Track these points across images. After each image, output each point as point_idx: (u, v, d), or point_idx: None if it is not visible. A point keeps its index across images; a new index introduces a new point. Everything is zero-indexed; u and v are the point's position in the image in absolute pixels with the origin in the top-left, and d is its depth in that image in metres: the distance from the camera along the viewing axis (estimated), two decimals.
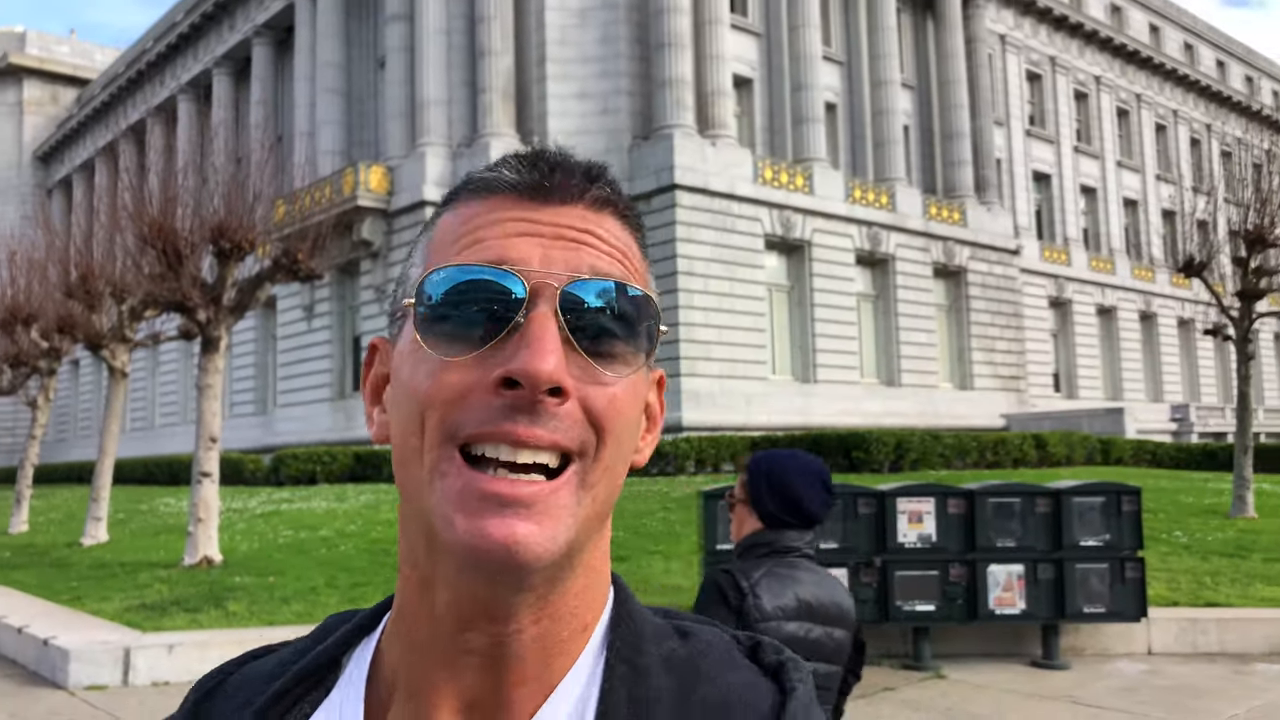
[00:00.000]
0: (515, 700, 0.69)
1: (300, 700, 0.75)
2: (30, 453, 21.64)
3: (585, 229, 0.71)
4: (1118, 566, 8.89)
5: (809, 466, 2.92)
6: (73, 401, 54.46)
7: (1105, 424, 31.16)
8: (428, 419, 0.66)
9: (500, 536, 0.63)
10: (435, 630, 0.69)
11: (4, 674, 9.61)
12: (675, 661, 0.72)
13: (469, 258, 0.69)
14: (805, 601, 2.73)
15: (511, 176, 0.72)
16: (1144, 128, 50.73)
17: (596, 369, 0.67)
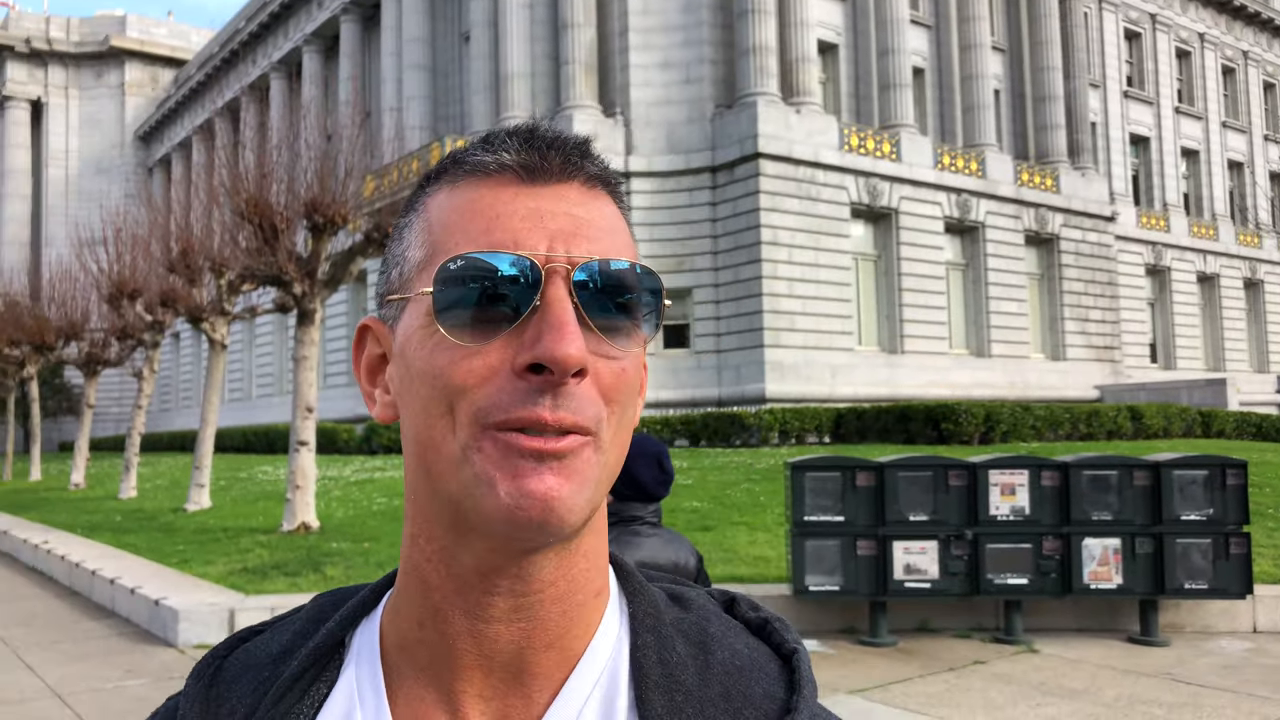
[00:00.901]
0: (543, 665, 0.72)
1: (316, 679, 0.76)
2: (137, 422, 22.52)
3: (585, 207, 0.73)
4: (1221, 541, 8.63)
5: (647, 450, 3.48)
6: (175, 373, 56.49)
7: (1206, 395, 30.11)
8: (457, 405, 0.69)
9: (539, 492, 0.66)
10: (457, 598, 0.72)
11: (120, 631, 10.09)
12: (686, 628, 0.76)
13: (480, 243, 0.71)
14: (643, 562, 3.28)
15: (509, 158, 0.74)
16: (1251, 86, 48.54)
17: (608, 345, 0.70)
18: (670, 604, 0.78)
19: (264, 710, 0.75)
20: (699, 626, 0.76)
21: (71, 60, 61.13)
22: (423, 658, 0.74)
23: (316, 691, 0.76)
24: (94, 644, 9.54)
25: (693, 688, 0.71)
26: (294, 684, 0.76)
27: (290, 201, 14.46)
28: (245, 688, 0.77)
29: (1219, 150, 46.65)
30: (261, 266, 14.52)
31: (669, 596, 0.80)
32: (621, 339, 0.71)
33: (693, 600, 0.80)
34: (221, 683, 0.79)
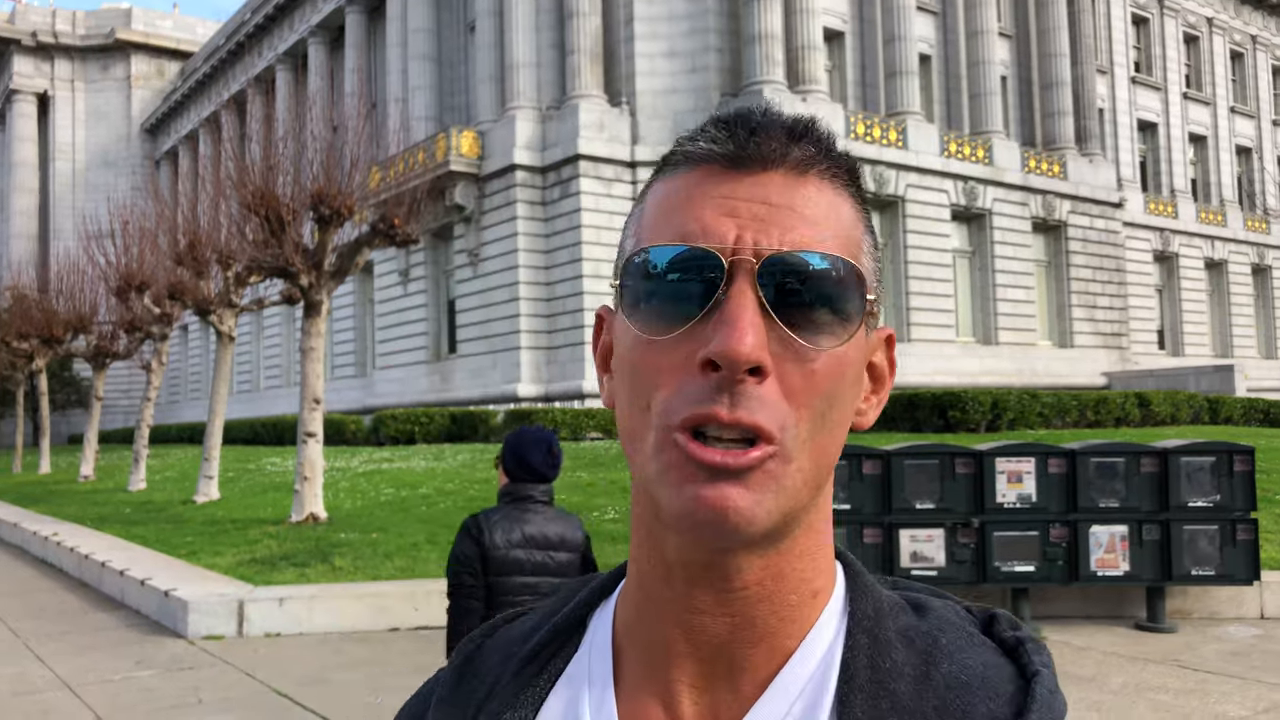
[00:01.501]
0: (751, 661, 0.72)
1: (554, 655, 0.79)
2: (145, 414, 22.61)
3: (786, 196, 0.70)
4: (1228, 528, 8.62)
5: (538, 438, 4.11)
6: (183, 365, 56.65)
7: (1213, 382, 30.02)
8: (652, 402, 0.69)
9: (713, 501, 0.65)
10: (667, 589, 0.72)
11: (129, 623, 10.15)
12: (914, 636, 0.73)
13: (666, 236, 0.70)
14: (530, 535, 3.96)
15: (708, 147, 0.72)
16: (1259, 71, 48.25)
17: (799, 343, 0.67)
18: (904, 610, 0.76)
19: (504, 681, 0.79)
20: (930, 636, 0.73)
21: (78, 53, 61.20)
22: (641, 643, 0.75)
23: (553, 667, 0.78)
24: (104, 635, 9.60)
25: (903, 697, 0.68)
26: (533, 658, 0.79)
27: (296, 193, 14.48)
28: (495, 660, 0.82)
29: (1227, 136, 46.41)
30: (268, 258, 14.55)
31: (908, 603, 0.77)
32: (818, 337, 0.68)
33: (933, 609, 0.76)
34: (478, 658, 0.84)
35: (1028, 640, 0.74)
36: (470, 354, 30.71)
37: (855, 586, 0.76)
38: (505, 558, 3.90)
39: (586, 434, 23.92)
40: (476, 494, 14.87)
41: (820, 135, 0.73)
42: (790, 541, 0.71)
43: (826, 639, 0.72)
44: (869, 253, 0.74)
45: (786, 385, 0.67)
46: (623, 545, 11.25)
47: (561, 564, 4.00)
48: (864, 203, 0.76)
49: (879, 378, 0.77)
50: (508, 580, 3.93)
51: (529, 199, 28.91)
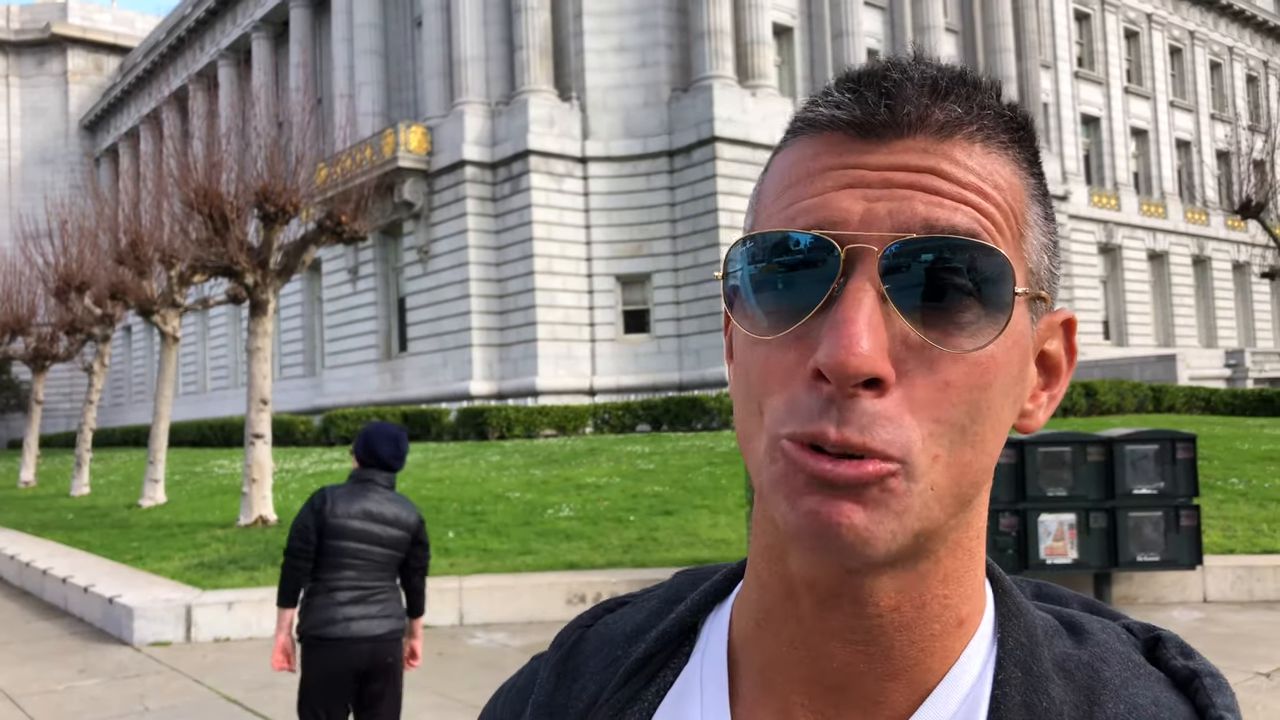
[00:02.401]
0: (887, 695, 0.63)
1: (664, 665, 0.72)
2: (88, 417, 22.13)
3: (924, 167, 0.60)
4: (1172, 514, 8.79)
5: (390, 433, 4.73)
6: (126, 367, 55.59)
7: (1157, 371, 30.64)
8: (763, 405, 0.61)
9: (826, 516, 0.57)
10: (792, 607, 0.64)
11: (72, 631, 9.92)
12: (1073, 667, 0.63)
13: (779, 221, 0.61)
14: (368, 510, 4.58)
15: (831, 113, 0.62)
16: (1198, 66, 49.29)
17: (932, 346, 0.57)
18: (1059, 634, 0.66)
19: (610, 691, 0.71)
20: (1091, 667, 0.63)
21: (12, 48, 59.69)
22: (760, 659, 0.67)
23: (662, 679, 0.71)
24: (46, 644, 9.37)
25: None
26: (641, 668, 0.71)
27: (241, 191, 14.23)
28: (598, 664, 0.74)
29: (1167, 129, 47.36)
30: (212, 257, 14.29)
31: (1064, 625, 0.68)
32: (959, 337, 0.58)
33: (1092, 633, 0.66)
34: (579, 655, 0.76)
35: (1205, 675, 0.64)
36: (421, 352, 30.46)
37: (1005, 609, 0.66)
38: (341, 526, 4.51)
39: (540, 431, 23.83)
40: (430, 493, 14.74)
41: (970, 90, 0.62)
42: (931, 564, 0.62)
43: (973, 672, 0.63)
44: (1037, 226, 0.63)
45: (914, 398, 0.57)
46: (579, 542, 11.22)
47: (393, 539, 4.62)
48: (1035, 165, 0.65)
49: (1053, 369, 0.66)
50: (340, 544, 4.51)
51: (479, 195, 28.72)
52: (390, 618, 4.57)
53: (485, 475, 16.30)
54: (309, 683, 4.52)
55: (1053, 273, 0.64)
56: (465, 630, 9.32)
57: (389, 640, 4.55)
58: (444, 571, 10.36)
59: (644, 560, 10.40)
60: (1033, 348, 0.63)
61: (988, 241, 0.59)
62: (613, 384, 27.70)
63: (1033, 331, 0.63)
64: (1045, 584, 0.74)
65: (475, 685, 7.41)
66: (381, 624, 4.52)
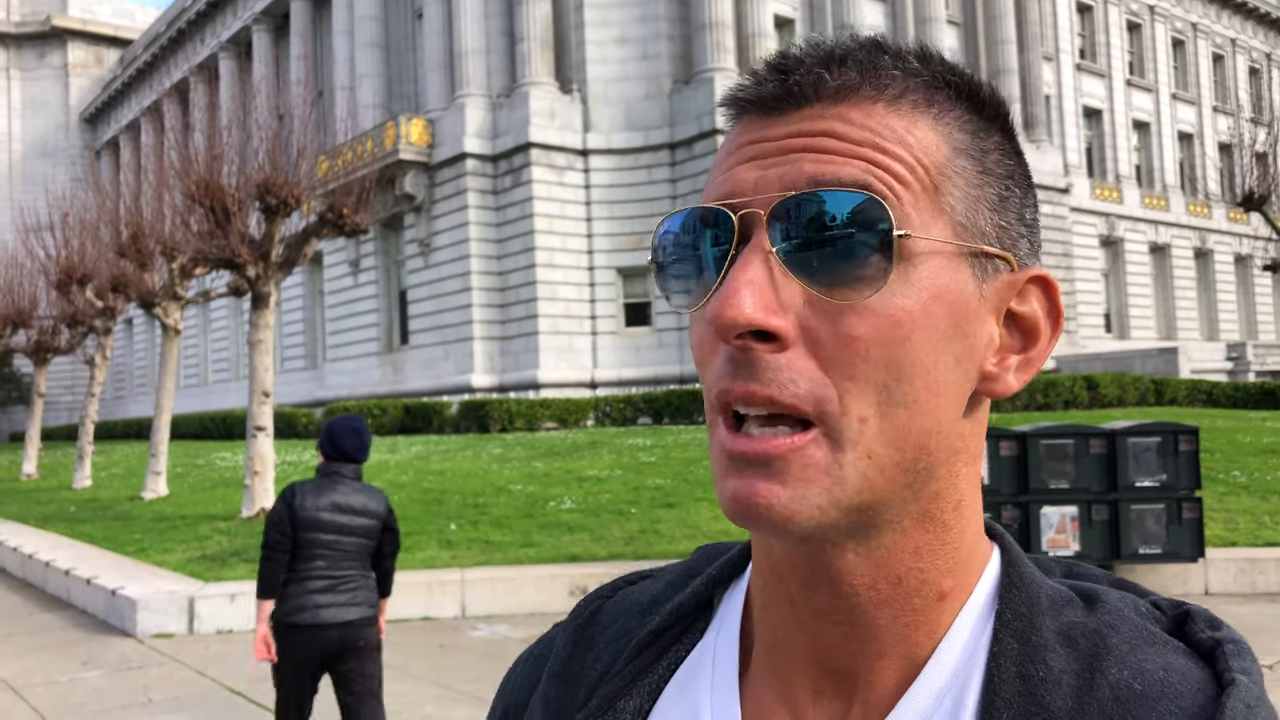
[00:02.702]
0: (878, 674, 0.63)
1: (677, 640, 0.72)
2: (90, 410, 22.15)
3: (816, 130, 0.60)
4: (1174, 507, 8.79)
5: (351, 426, 4.89)
6: (128, 359, 55.59)
7: (1158, 364, 30.62)
8: (703, 376, 0.63)
9: (742, 497, 0.57)
10: (783, 588, 0.64)
11: (75, 623, 9.94)
12: (1078, 635, 0.61)
13: (704, 198, 0.64)
14: (336, 502, 4.75)
15: (746, 93, 0.64)
16: (1200, 58, 49.19)
17: (825, 300, 0.57)
18: (1071, 604, 0.64)
19: (621, 663, 0.71)
20: (1097, 635, 0.61)
21: (12, 41, 59.58)
22: (767, 637, 0.67)
23: (674, 653, 0.71)
24: (50, 636, 9.39)
25: (1059, 711, 0.57)
26: (653, 641, 0.71)
27: (242, 183, 14.22)
28: (612, 635, 0.74)
29: (1169, 122, 47.27)
30: (214, 250, 14.29)
31: (1079, 595, 0.65)
32: (850, 289, 0.57)
33: (1106, 603, 0.64)
34: (595, 625, 0.76)
35: (1228, 642, 0.62)
36: (423, 345, 30.46)
37: (1007, 579, 0.64)
38: (312, 518, 4.69)
39: (541, 424, 23.84)
40: (431, 485, 14.75)
41: (872, 54, 0.62)
42: (898, 537, 0.61)
43: (961, 645, 0.62)
44: (963, 178, 0.61)
45: (821, 355, 0.57)
46: (580, 535, 11.23)
47: (362, 528, 4.82)
48: (971, 123, 0.63)
49: (1029, 330, 0.63)
50: (313, 536, 4.71)
51: (480, 188, 28.69)
52: (359, 605, 4.77)
53: (487, 468, 16.31)
54: (281, 663, 4.75)
55: (1004, 229, 0.62)
56: (467, 622, 9.33)
57: (357, 625, 4.75)
58: (446, 564, 10.37)
59: (646, 553, 10.41)
60: (987, 306, 0.61)
61: (875, 191, 0.58)
62: (614, 377, 27.70)
63: (981, 289, 0.61)
64: (1077, 564, 0.72)
65: (478, 677, 7.43)
66: (350, 611, 4.73)
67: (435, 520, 12.24)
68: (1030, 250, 0.64)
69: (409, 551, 10.84)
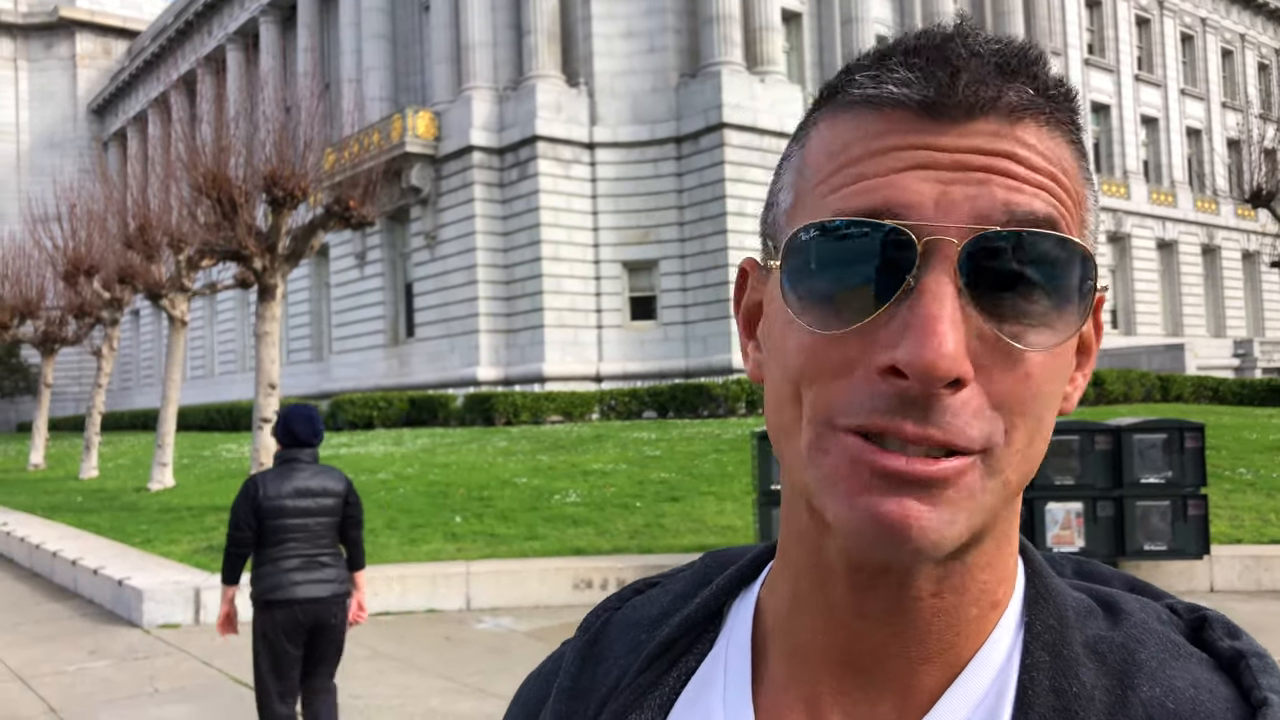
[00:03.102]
0: (918, 679, 0.61)
1: (687, 650, 0.71)
2: (97, 401, 22.21)
3: (998, 150, 0.56)
4: (1180, 504, 8.78)
5: (303, 414, 5.22)
6: (135, 351, 55.71)
7: (1165, 361, 30.56)
8: (805, 395, 0.58)
9: (895, 517, 0.54)
10: (826, 592, 0.62)
11: (82, 613, 9.98)
12: (1105, 650, 0.60)
13: (845, 203, 0.57)
14: (298, 487, 5.07)
15: (899, 91, 0.58)
16: (1209, 53, 48.99)
17: (1010, 345, 0.54)
18: (1094, 615, 0.63)
19: (631, 676, 0.70)
20: (1125, 649, 0.60)
21: (20, 31, 59.65)
22: (788, 644, 0.66)
23: (685, 664, 0.70)
24: (57, 626, 9.44)
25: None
26: (664, 653, 0.70)
27: (249, 175, 14.24)
28: (622, 648, 0.73)
29: (1178, 117, 47.10)
30: (221, 241, 14.31)
31: (1101, 604, 0.64)
32: (1035, 333, 0.55)
33: (1129, 614, 0.63)
34: (604, 639, 0.75)
35: (1251, 655, 0.61)
36: (428, 337, 30.49)
37: (1035, 590, 0.64)
38: (276, 505, 5.03)
39: (547, 417, 23.86)
40: (437, 478, 14.78)
41: (1039, 69, 0.59)
42: (977, 554, 0.60)
43: (1001, 653, 0.61)
44: (1093, 210, 0.61)
45: (994, 392, 0.55)
46: (585, 528, 11.25)
47: (326, 508, 5.15)
48: (1084, 149, 0.61)
49: (1086, 349, 0.63)
50: (279, 522, 5.03)
51: (486, 180, 28.69)
52: (332, 582, 5.13)
53: (492, 461, 16.34)
54: (261, 641, 5.08)
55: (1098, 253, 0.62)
56: (472, 615, 9.36)
57: (331, 601, 5.11)
58: (451, 556, 10.40)
59: (650, 546, 10.43)
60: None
61: (1065, 231, 0.56)
62: (619, 370, 27.71)
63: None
64: (1086, 561, 0.72)
65: (482, 670, 7.45)
66: (324, 588, 5.08)
67: (440, 513, 12.27)
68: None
69: (414, 544, 10.87)
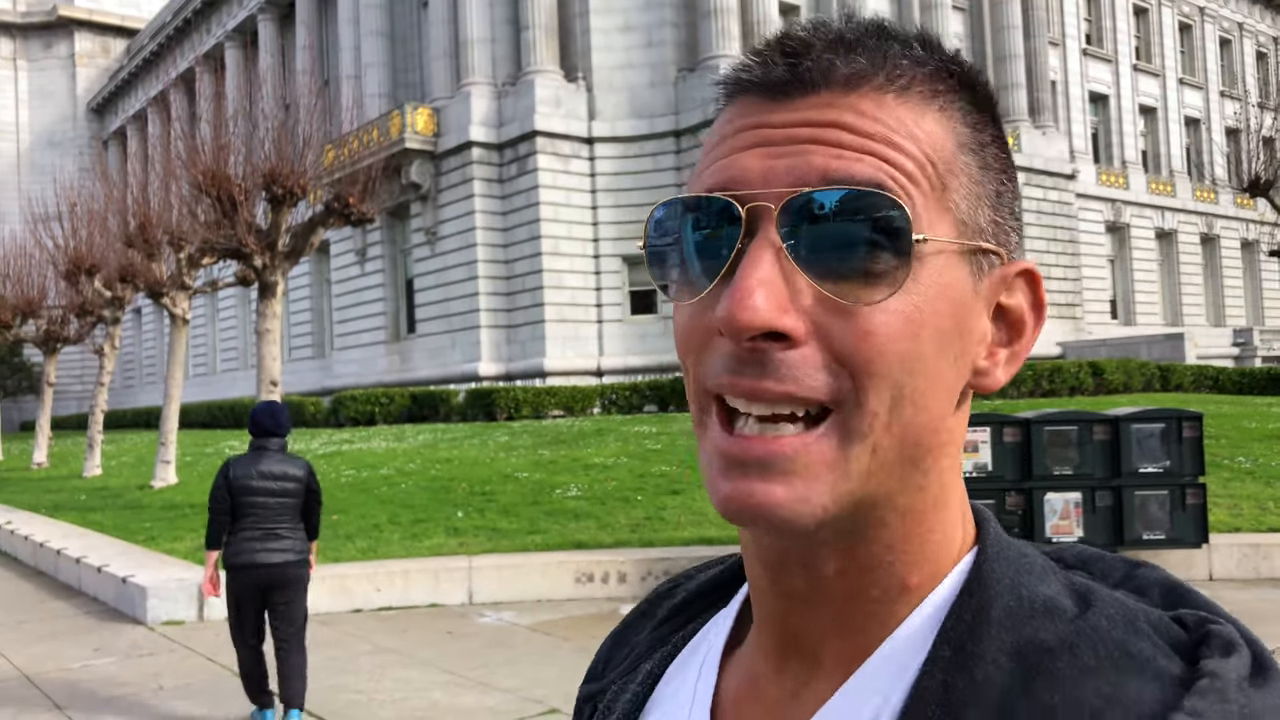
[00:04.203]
0: (831, 656, 0.63)
1: (696, 616, 0.77)
2: (99, 399, 22.25)
3: (826, 120, 0.58)
4: (1178, 493, 8.81)
5: (266, 408, 6.26)
6: (137, 349, 55.76)
7: (1164, 350, 30.58)
8: (687, 367, 0.61)
9: (742, 498, 0.56)
10: (759, 569, 0.65)
11: (86, 610, 10.03)
12: (1029, 651, 0.56)
13: (701, 183, 0.61)
14: (262, 470, 6.03)
15: (748, 75, 0.61)
16: (1207, 42, 48.92)
17: (836, 301, 0.56)
18: (1048, 615, 0.58)
19: (648, 633, 0.79)
20: (1049, 655, 0.55)
21: (18, 31, 59.63)
22: (755, 616, 0.69)
23: (690, 628, 0.77)
24: (61, 623, 9.49)
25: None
26: (677, 614, 0.78)
27: (248, 173, 14.27)
28: (662, 609, 0.80)
29: (1176, 107, 47.05)
30: (221, 239, 14.35)
31: (1077, 600, 0.59)
32: (866, 289, 0.56)
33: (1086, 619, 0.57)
34: (660, 603, 0.82)
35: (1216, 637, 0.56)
36: (429, 333, 30.52)
37: (971, 582, 0.61)
38: (243, 485, 6.00)
39: (548, 412, 23.90)
40: (439, 473, 14.82)
41: (882, 41, 0.61)
42: (879, 530, 0.60)
43: (909, 642, 0.61)
44: (966, 175, 0.60)
45: (834, 350, 0.56)
46: (587, 522, 11.29)
47: (287, 490, 6.08)
48: (974, 115, 0.62)
49: (1015, 324, 0.63)
50: (244, 499, 6.00)
51: (486, 176, 28.70)
52: (286, 551, 6.04)
53: (493, 456, 16.38)
54: (230, 596, 6.18)
55: (998, 224, 0.62)
56: (474, 609, 9.40)
57: (284, 566, 6.04)
58: (453, 551, 10.44)
59: (651, 539, 10.47)
60: (981, 301, 0.61)
61: (890, 191, 0.57)
62: (620, 364, 27.74)
63: (977, 285, 0.60)
64: (1088, 550, 0.69)
65: (484, 664, 7.50)
66: (279, 555, 6.02)
67: (442, 508, 12.32)
68: (1018, 243, 0.64)
69: (416, 539, 10.92)
